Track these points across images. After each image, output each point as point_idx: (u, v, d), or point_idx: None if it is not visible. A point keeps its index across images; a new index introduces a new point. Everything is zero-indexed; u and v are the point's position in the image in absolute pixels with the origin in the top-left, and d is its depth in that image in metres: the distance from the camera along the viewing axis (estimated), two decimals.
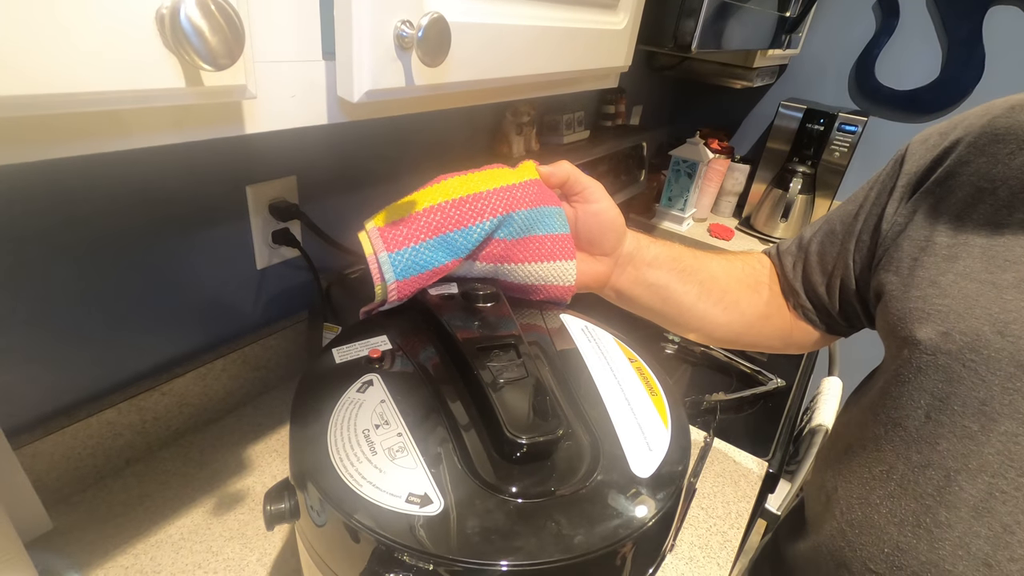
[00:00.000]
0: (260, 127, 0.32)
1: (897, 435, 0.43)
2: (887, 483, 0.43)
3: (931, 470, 0.40)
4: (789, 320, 0.59)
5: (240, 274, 0.72)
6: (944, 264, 0.42)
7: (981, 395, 0.38)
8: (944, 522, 0.39)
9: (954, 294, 0.41)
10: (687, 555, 0.64)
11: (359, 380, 0.38)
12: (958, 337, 0.39)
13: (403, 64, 0.34)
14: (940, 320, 0.41)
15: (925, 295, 0.42)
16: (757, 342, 0.60)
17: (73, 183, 0.53)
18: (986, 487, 0.38)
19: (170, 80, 0.24)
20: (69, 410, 0.60)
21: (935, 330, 0.41)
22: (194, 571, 0.55)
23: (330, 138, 0.76)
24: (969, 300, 0.40)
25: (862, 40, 1.60)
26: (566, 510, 0.32)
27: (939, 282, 0.42)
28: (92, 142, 0.25)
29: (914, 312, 0.43)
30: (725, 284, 0.58)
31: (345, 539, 0.32)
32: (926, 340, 0.41)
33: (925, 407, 0.41)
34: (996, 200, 0.41)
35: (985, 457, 0.38)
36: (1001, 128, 0.43)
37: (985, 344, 0.38)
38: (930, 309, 0.42)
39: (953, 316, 0.40)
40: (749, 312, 0.58)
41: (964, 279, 0.41)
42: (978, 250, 0.41)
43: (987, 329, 0.38)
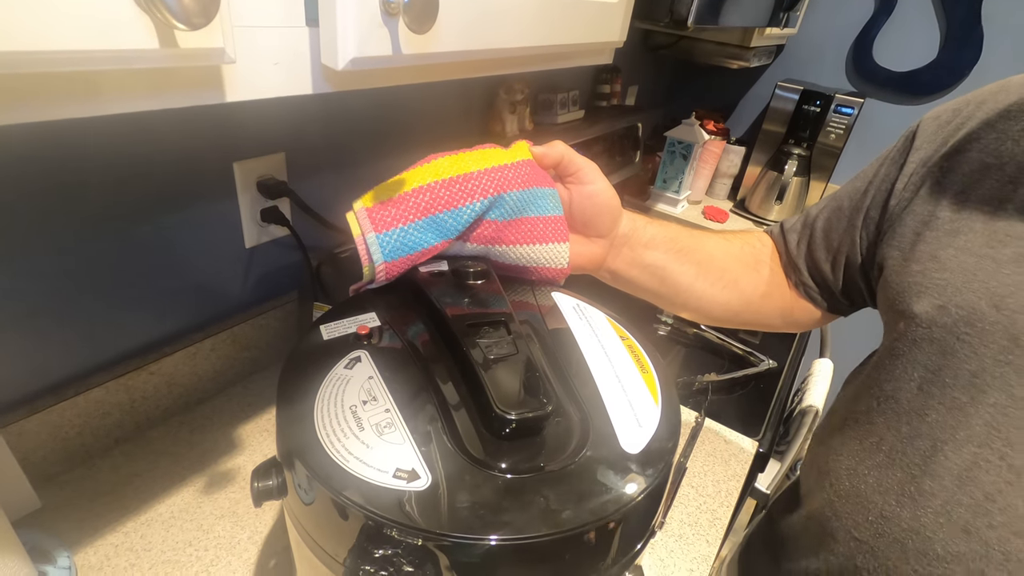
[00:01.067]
0: (242, 95, 0.31)
1: (889, 407, 0.43)
2: (876, 454, 0.44)
3: (919, 440, 0.41)
4: (790, 298, 0.59)
5: (228, 253, 0.71)
6: (945, 238, 0.42)
7: (973, 367, 0.39)
8: (928, 491, 0.40)
9: (953, 268, 0.41)
10: (677, 532, 0.64)
11: (347, 357, 0.38)
12: (954, 310, 0.40)
13: (389, 31, 0.33)
14: (937, 293, 0.41)
15: (925, 269, 0.43)
16: (756, 320, 0.60)
17: (56, 158, 0.51)
18: (971, 457, 0.38)
19: (143, 40, 0.23)
20: (56, 389, 0.59)
21: (932, 303, 0.41)
22: (184, 549, 0.55)
23: (319, 114, 0.75)
24: (967, 274, 0.40)
25: (860, 20, 1.58)
26: (555, 485, 0.31)
27: (939, 256, 0.42)
28: (65, 106, 0.24)
29: (913, 286, 0.43)
30: (723, 263, 0.57)
31: (333, 516, 0.31)
32: (922, 313, 0.41)
33: (918, 379, 0.42)
34: (1002, 176, 0.41)
35: (972, 428, 0.38)
36: (1014, 105, 0.43)
37: (980, 317, 0.38)
38: (928, 283, 0.42)
39: (951, 289, 0.40)
40: (748, 291, 0.58)
41: (964, 253, 0.41)
42: (980, 225, 0.41)
43: (983, 303, 0.39)
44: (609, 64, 0.66)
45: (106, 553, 0.53)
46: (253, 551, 0.56)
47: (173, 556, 0.54)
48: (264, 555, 0.55)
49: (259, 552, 0.56)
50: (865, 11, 1.57)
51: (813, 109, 1.58)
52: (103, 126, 0.54)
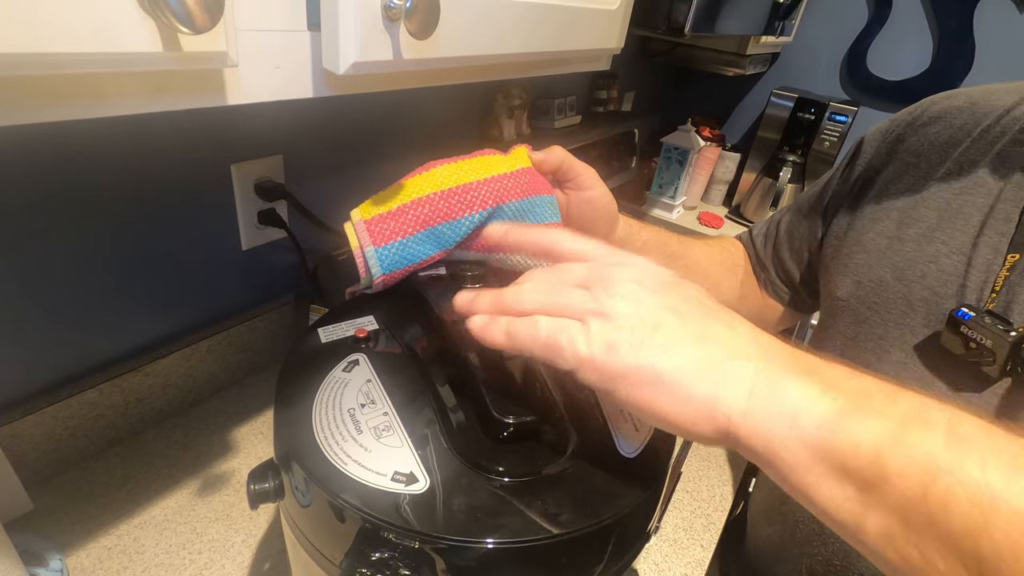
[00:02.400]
0: (243, 98, 0.31)
1: None
2: None
3: None
4: (760, 299, 0.64)
5: (225, 255, 0.71)
6: (868, 225, 0.50)
7: (879, 331, 0.46)
8: None
9: (870, 249, 0.48)
10: (671, 537, 0.65)
11: (345, 360, 0.38)
12: (867, 283, 0.47)
13: (391, 36, 0.33)
14: (855, 271, 0.49)
15: (850, 251, 0.50)
16: None
17: (52, 157, 0.51)
18: None
19: (147, 44, 0.23)
20: (50, 390, 0.59)
21: (851, 280, 0.49)
22: (178, 552, 0.55)
23: (317, 117, 0.75)
24: (879, 253, 0.48)
25: (854, 30, 1.60)
26: (552, 489, 0.32)
27: (861, 240, 0.50)
28: (67, 108, 0.24)
29: (839, 267, 0.51)
30: (706, 268, 0.61)
31: (331, 518, 0.31)
32: (844, 288, 0.49)
33: (840, 347, 0.50)
34: (918, 171, 0.48)
35: None
36: (936, 112, 0.50)
37: (885, 287, 0.46)
38: (850, 263, 0.49)
39: (865, 267, 0.48)
40: (728, 293, 0.63)
41: (880, 236, 0.48)
42: (895, 212, 0.48)
43: (888, 276, 0.46)
44: (606, 70, 0.67)
45: (99, 556, 0.53)
46: (247, 554, 0.55)
47: (166, 559, 0.54)
48: (258, 558, 0.55)
49: (253, 555, 0.55)
50: (859, 21, 1.59)
51: (808, 117, 1.59)
52: (101, 127, 0.54)
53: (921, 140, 0.49)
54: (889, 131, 0.53)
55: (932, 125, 0.49)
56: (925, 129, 0.50)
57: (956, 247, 0.44)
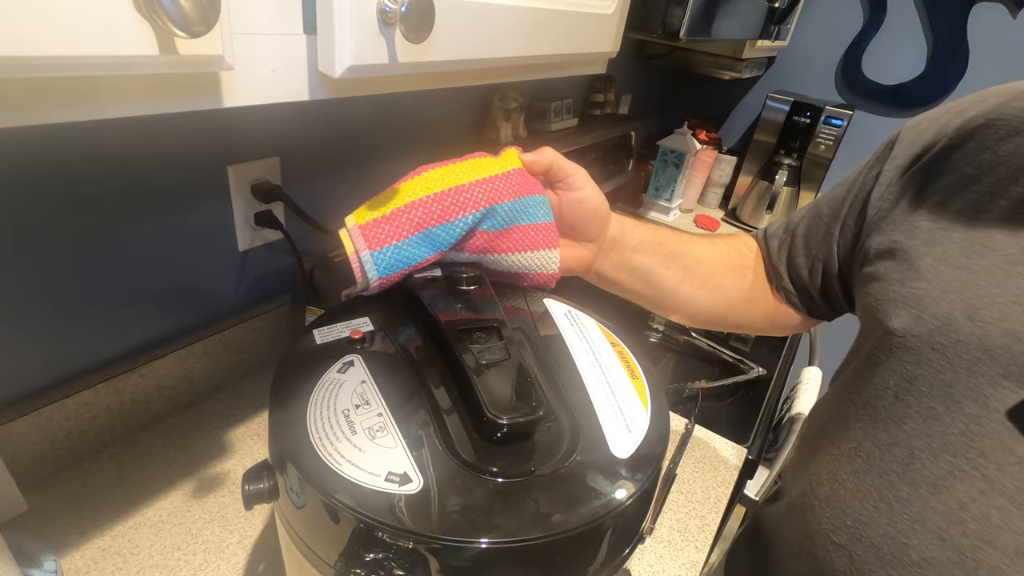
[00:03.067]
0: (239, 101, 0.31)
1: (867, 414, 0.44)
2: (854, 460, 0.44)
3: (896, 448, 0.41)
4: (772, 303, 0.60)
5: (222, 256, 0.71)
6: (924, 248, 0.42)
7: (947, 378, 0.39)
8: (904, 497, 0.40)
9: (930, 278, 0.41)
10: (666, 538, 0.65)
11: (340, 360, 0.38)
12: (929, 320, 0.40)
13: (386, 40, 0.33)
14: (914, 303, 0.41)
15: (903, 278, 0.43)
16: (742, 324, 0.61)
17: (47, 157, 0.51)
18: (947, 466, 0.39)
19: (143, 47, 0.23)
20: (45, 391, 0.59)
21: (909, 313, 0.41)
22: (173, 553, 0.55)
23: (314, 119, 0.75)
24: (944, 284, 0.40)
25: (849, 34, 1.61)
26: (545, 490, 0.32)
27: (917, 266, 0.42)
28: (63, 110, 0.24)
29: (891, 295, 0.43)
30: (709, 268, 0.58)
31: (324, 519, 0.31)
32: (899, 322, 0.42)
33: (894, 387, 0.42)
34: (980, 186, 0.41)
35: (948, 437, 0.39)
36: (993, 114, 0.43)
37: (955, 328, 0.39)
38: (906, 292, 0.42)
39: (927, 300, 0.41)
40: (733, 295, 0.59)
41: (941, 263, 0.41)
42: (958, 235, 0.41)
43: (958, 314, 0.39)
44: (603, 73, 0.67)
45: (93, 557, 0.53)
46: (242, 555, 0.55)
47: (161, 560, 0.54)
48: (253, 559, 0.55)
49: (248, 556, 0.55)
50: (855, 25, 1.60)
51: (803, 120, 1.60)
52: (98, 127, 0.54)
53: (979, 147, 0.42)
54: (937, 134, 0.46)
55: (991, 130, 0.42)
56: (983, 134, 0.43)
57: None
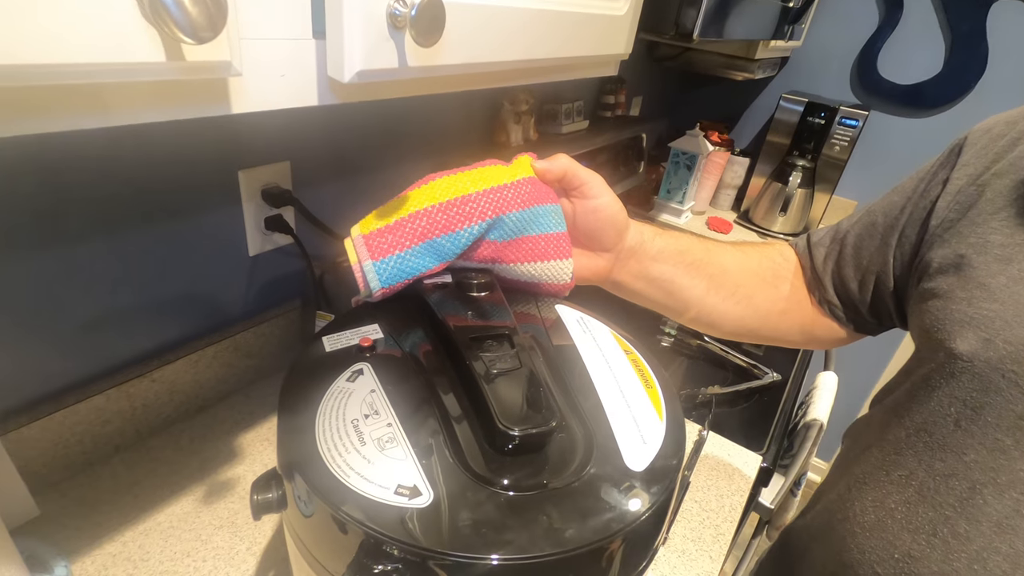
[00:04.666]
0: (248, 107, 0.31)
1: (921, 441, 0.41)
2: (905, 489, 0.42)
3: (955, 480, 0.39)
4: (811, 315, 0.56)
5: (232, 260, 0.71)
6: (996, 265, 0.39)
7: (1019, 409, 0.36)
8: (963, 534, 0.38)
9: (1004, 299, 0.37)
10: (679, 548, 0.64)
11: (349, 369, 0.38)
12: (1002, 345, 0.37)
13: (396, 44, 0.33)
14: (984, 326, 0.38)
15: (971, 297, 0.39)
16: (775, 336, 0.58)
17: (60, 164, 0.51)
18: (1013, 503, 0.36)
19: (150, 54, 0.23)
20: (56, 396, 0.59)
21: (977, 336, 0.38)
22: (183, 559, 0.54)
23: (325, 124, 0.75)
24: (1020, 307, 0.37)
25: (865, 33, 1.59)
26: (558, 503, 0.31)
27: (988, 285, 0.38)
28: (71, 118, 0.24)
29: (956, 314, 0.39)
30: (737, 278, 0.54)
31: (333, 531, 0.31)
32: (965, 346, 0.38)
33: (955, 415, 0.39)
34: None
35: (1016, 473, 0.36)
36: None
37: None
38: (975, 313, 0.39)
39: (999, 322, 0.37)
40: (764, 306, 0.55)
41: (1017, 283, 0.37)
42: None
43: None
44: (614, 75, 0.67)
45: (103, 563, 0.53)
46: (252, 562, 0.55)
47: (171, 566, 0.54)
48: (263, 567, 0.55)
49: (258, 563, 0.55)
50: (870, 24, 1.57)
51: (818, 121, 1.58)
52: (109, 133, 0.54)
53: None
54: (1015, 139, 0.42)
55: None
56: None
57: None
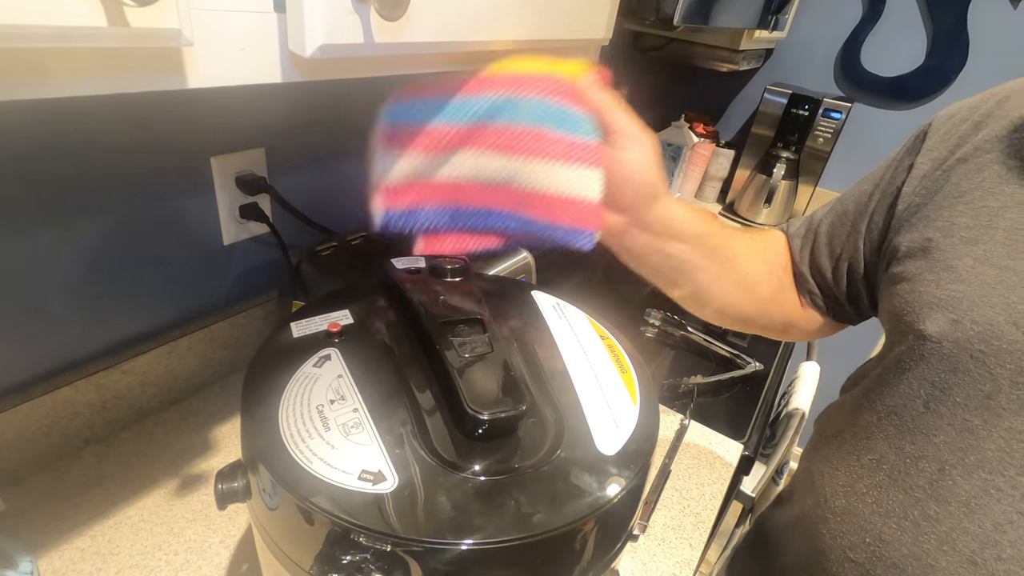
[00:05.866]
0: (205, 81, 0.30)
1: (891, 424, 0.41)
2: (876, 473, 0.42)
3: (924, 462, 0.39)
4: (795, 305, 0.55)
5: (206, 249, 0.70)
6: (962, 247, 0.39)
7: (987, 388, 0.36)
8: (933, 516, 0.38)
9: (970, 280, 0.38)
10: (660, 536, 0.63)
11: (316, 355, 0.37)
12: (969, 326, 0.37)
13: (360, 18, 0.32)
14: (952, 307, 0.38)
15: (939, 279, 0.39)
16: (765, 325, 0.56)
17: (19, 142, 0.50)
18: (981, 483, 0.36)
19: (89, 17, 0.22)
20: (22, 387, 0.57)
21: (945, 317, 0.38)
22: (154, 553, 0.53)
23: (301, 108, 0.73)
24: (986, 287, 0.37)
25: (848, 25, 1.59)
26: (527, 488, 0.30)
27: (955, 266, 0.39)
28: (10, 87, 0.23)
29: (924, 296, 0.40)
30: (747, 265, 0.52)
31: (297, 520, 0.30)
32: (934, 327, 0.38)
33: (924, 397, 0.39)
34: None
35: (984, 452, 0.36)
36: None
37: (997, 335, 0.36)
38: (941, 294, 0.39)
39: (966, 303, 0.37)
40: (764, 296, 0.54)
41: (983, 264, 0.38)
42: (1001, 233, 0.38)
43: (1002, 319, 0.36)
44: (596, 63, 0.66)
45: (71, 557, 0.52)
46: (225, 555, 0.54)
47: (141, 560, 0.52)
48: (236, 559, 0.54)
49: (231, 556, 0.54)
50: (853, 17, 1.58)
51: (802, 113, 1.58)
52: (76, 117, 0.52)
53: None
54: (977, 123, 0.42)
55: None
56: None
57: None
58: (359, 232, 0.79)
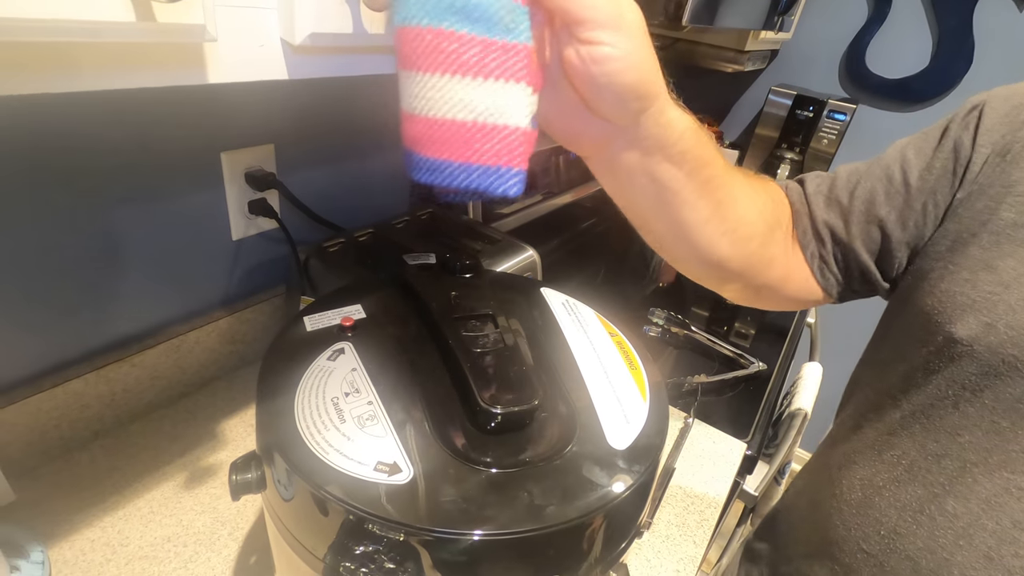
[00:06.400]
0: (225, 76, 0.30)
1: (918, 423, 0.41)
2: (895, 468, 0.42)
3: (947, 460, 0.39)
4: (786, 270, 0.49)
5: (215, 245, 0.70)
6: (1006, 246, 0.37)
7: (1017, 392, 0.35)
8: (951, 512, 0.38)
9: (1008, 282, 0.36)
10: (664, 533, 0.64)
11: (330, 348, 0.37)
12: (1003, 330, 0.35)
13: (350, 8, 0.32)
14: (987, 309, 0.36)
15: (975, 279, 0.37)
16: (735, 285, 0.50)
17: (35, 139, 0.50)
18: (1003, 483, 0.36)
19: (119, 12, 0.22)
20: (33, 380, 0.58)
21: (978, 320, 0.36)
22: (163, 544, 0.54)
23: (310, 105, 0.74)
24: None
25: (854, 27, 1.59)
26: (539, 481, 0.31)
27: (995, 266, 0.37)
28: (39, 80, 0.23)
29: (957, 296, 0.38)
30: (744, 214, 0.44)
31: (312, 510, 0.31)
32: (965, 330, 0.37)
33: (953, 398, 0.38)
34: None
35: (1008, 453, 0.36)
36: None
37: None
38: (977, 295, 0.37)
39: (1003, 306, 0.36)
40: (757, 254, 0.46)
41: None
42: None
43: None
44: None
45: (81, 548, 0.52)
46: (234, 547, 0.55)
47: (151, 552, 0.53)
48: (245, 552, 0.54)
49: (240, 548, 0.55)
50: (859, 18, 1.58)
51: (806, 114, 1.58)
52: (88, 111, 0.52)
53: None
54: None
55: None
56: None
57: None
58: (367, 228, 0.80)
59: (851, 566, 0.43)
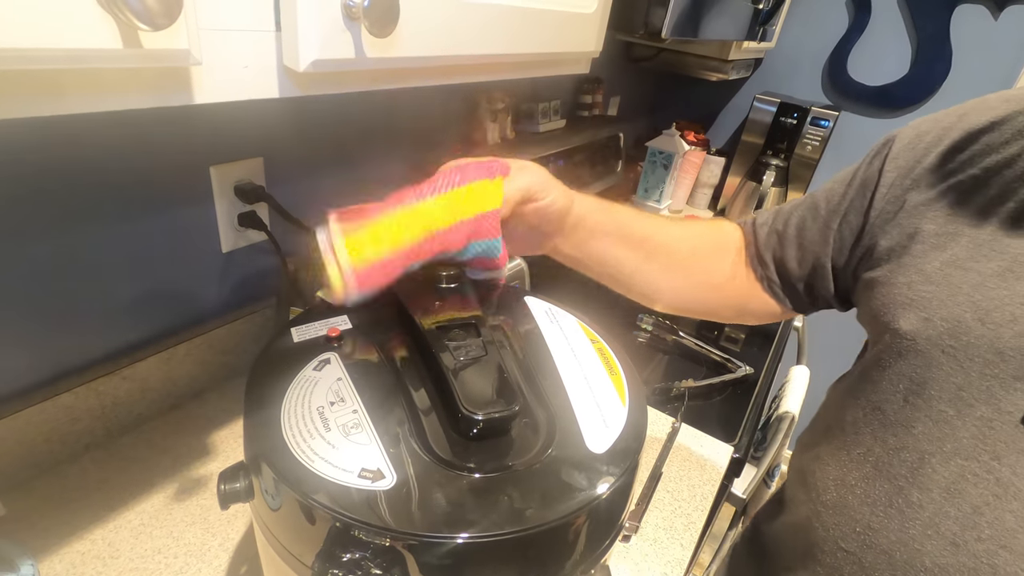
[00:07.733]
0: (211, 97, 0.31)
1: (876, 418, 0.44)
2: (863, 465, 0.44)
3: (906, 452, 0.41)
4: (746, 291, 0.59)
5: (205, 257, 0.71)
6: (932, 252, 0.42)
7: (958, 380, 0.39)
8: (916, 503, 0.40)
9: (938, 280, 0.41)
10: (651, 536, 0.65)
11: (316, 359, 0.38)
12: (939, 323, 0.40)
13: (352, 35, 0.33)
14: (922, 306, 0.41)
15: (910, 281, 0.43)
16: (707, 310, 0.61)
17: (22, 154, 0.51)
18: (958, 470, 0.38)
19: (107, 40, 0.23)
20: (23, 393, 0.58)
21: (917, 316, 0.41)
22: (154, 556, 0.54)
23: (298, 119, 0.75)
24: (952, 287, 0.40)
25: (835, 35, 1.63)
26: (520, 484, 0.32)
27: (925, 269, 0.42)
28: (28, 104, 0.24)
29: (898, 298, 0.43)
30: (676, 251, 0.57)
31: (299, 518, 0.31)
32: (907, 325, 0.41)
33: (903, 391, 0.42)
34: (987, 189, 0.41)
35: (959, 440, 0.38)
36: (998, 119, 0.43)
37: (965, 331, 0.39)
38: (913, 295, 0.42)
39: (936, 303, 0.40)
40: (702, 281, 0.58)
41: (949, 266, 0.41)
42: (966, 239, 0.41)
43: (968, 316, 0.39)
44: (590, 75, 0.68)
45: (72, 561, 0.52)
46: (224, 558, 0.55)
47: (141, 564, 0.53)
48: (235, 562, 0.55)
49: (230, 559, 0.55)
50: (840, 27, 1.61)
51: (790, 121, 1.61)
52: (79, 127, 0.53)
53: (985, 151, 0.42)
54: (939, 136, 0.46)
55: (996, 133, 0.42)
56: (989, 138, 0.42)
57: None
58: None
59: (833, 566, 0.45)
